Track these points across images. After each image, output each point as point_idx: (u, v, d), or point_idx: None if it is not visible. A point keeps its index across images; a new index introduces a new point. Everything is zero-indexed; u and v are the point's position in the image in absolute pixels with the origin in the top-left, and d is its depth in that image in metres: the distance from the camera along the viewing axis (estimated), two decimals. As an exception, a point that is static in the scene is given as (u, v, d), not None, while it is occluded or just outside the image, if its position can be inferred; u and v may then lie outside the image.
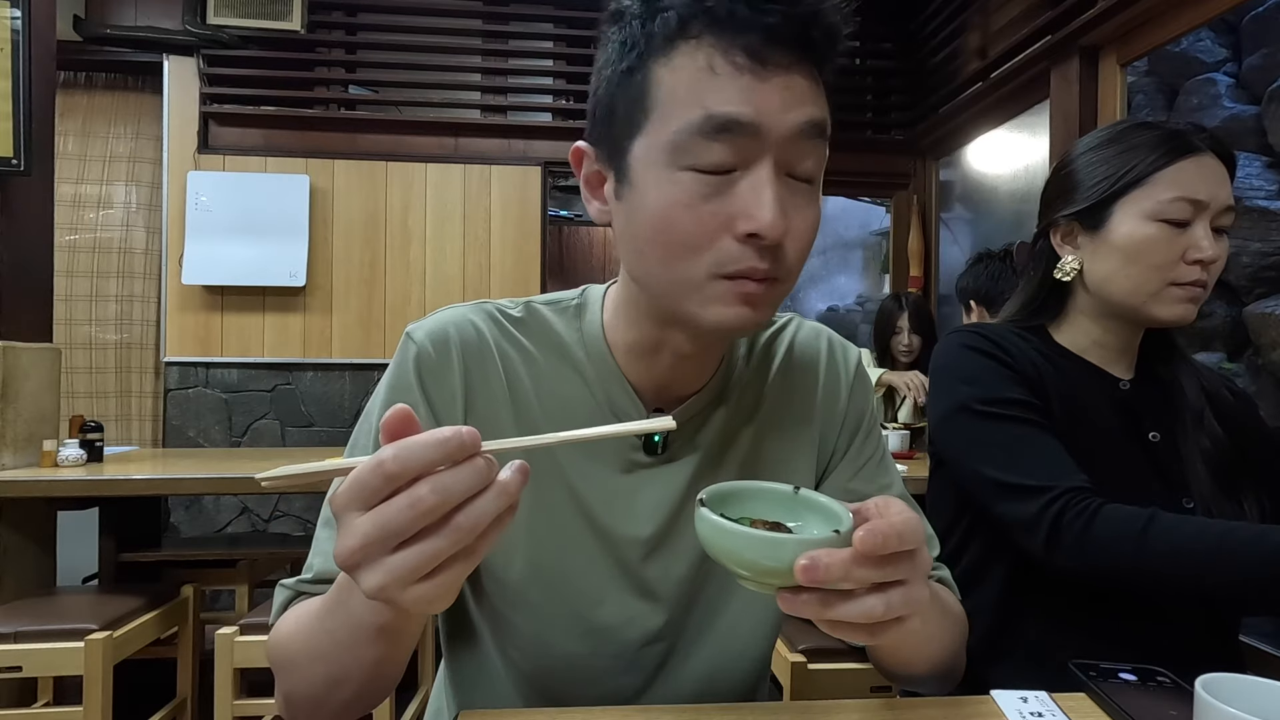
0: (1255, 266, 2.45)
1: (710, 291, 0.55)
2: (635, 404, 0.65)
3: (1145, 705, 0.61)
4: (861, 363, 0.76)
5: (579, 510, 0.65)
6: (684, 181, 0.53)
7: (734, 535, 0.44)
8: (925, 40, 3.25)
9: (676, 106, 0.53)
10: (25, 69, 2.02)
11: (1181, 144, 0.86)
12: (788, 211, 0.54)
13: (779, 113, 0.52)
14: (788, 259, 0.55)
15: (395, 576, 0.37)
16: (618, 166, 0.58)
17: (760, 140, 0.52)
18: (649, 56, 0.54)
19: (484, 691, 0.70)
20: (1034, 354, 0.92)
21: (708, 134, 0.52)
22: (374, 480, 0.36)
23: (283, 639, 0.56)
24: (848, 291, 5.47)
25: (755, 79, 0.51)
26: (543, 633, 0.65)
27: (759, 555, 0.43)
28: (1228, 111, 2.73)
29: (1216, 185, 0.86)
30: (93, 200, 3.29)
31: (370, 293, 3.24)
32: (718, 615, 0.68)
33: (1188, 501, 0.87)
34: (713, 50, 0.52)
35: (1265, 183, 2.55)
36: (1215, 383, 0.95)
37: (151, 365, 3.30)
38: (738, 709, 0.62)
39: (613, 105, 0.57)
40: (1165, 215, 0.85)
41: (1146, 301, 0.88)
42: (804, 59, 0.53)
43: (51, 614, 1.69)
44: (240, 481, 1.92)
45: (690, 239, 0.54)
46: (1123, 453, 0.89)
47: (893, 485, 0.73)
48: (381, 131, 3.28)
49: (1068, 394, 0.90)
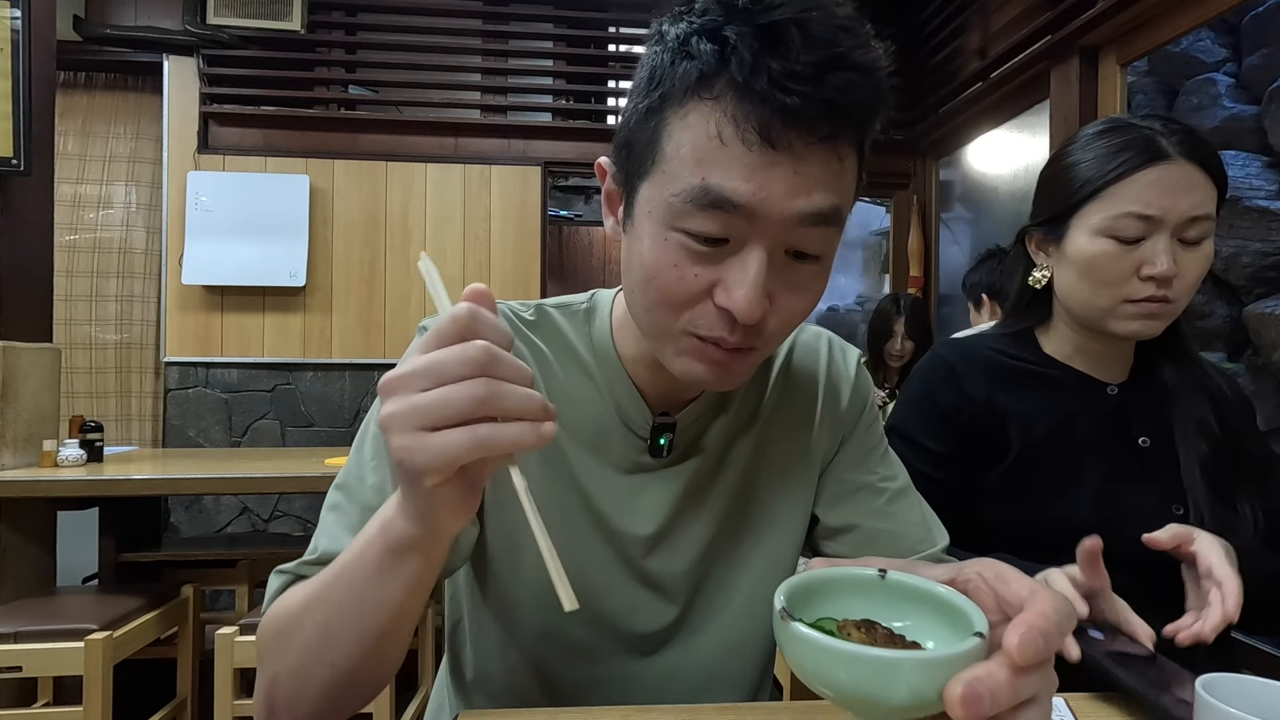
0: (1255, 266, 2.45)
1: (682, 344, 0.55)
2: (641, 408, 0.66)
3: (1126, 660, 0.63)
4: (861, 361, 0.76)
5: (586, 507, 0.66)
6: (675, 243, 0.52)
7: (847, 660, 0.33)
8: (925, 40, 3.25)
9: (680, 167, 0.50)
10: (25, 69, 2.02)
11: (1141, 153, 0.82)
12: (777, 292, 0.53)
13: (782, 199, 0.49)
14: (767, 332, 0.54)
15: (413, 407, 0.38)
16: (627, 200, 0.57)
17: (755, 223, 0.50)
18: (668, 102, 0.51)
19: (484, 685, 0.71)
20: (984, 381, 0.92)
21: (702, 205, 0.50)
22: (448, 325, 0.39)
23: (282, 611, 0.53)
24: (848, 291, 5.47)
25: (762, 158, 0.48)
26: (552, 622, 0.67)
27: (886, 685, 0.33)
28: (1228, 111, 2.72)
29: (1177, 196, 0.81)
30: (93, 200, 3.28)
31: (370, 293, 3.24)
32: (718, 608, 0.69)
33: (1178, 508, 0.86)
34: (725, 118, 0.48)
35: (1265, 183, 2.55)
36: (1219, 383, 0.93)
37: (151, 365, 3.30)
38: (737, 709, 0.62)
39: (631, 140, 0.55)
40: (1113, 232, 0.83)
41: (1102, 316, 0.87)
42: (824, 143, 0.49)
43: (51, 614, 1.69)
44: (240, 481, 1.92)
45: (672, 297, 0.53)
46: (1111, 460, 0.88)
47: (896, 478, 0.73)
48: (381, 131, 3.28)
49: (1045, 406, 0.90)
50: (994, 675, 0.33)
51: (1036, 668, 0.34)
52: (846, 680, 0.34)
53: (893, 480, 0.72)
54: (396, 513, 0.45)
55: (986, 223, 3.15)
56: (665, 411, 0.66)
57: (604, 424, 0.66)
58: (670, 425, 0.66)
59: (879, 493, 0.71)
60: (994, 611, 0.39)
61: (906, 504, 0.72)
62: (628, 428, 0.66)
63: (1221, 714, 0.47)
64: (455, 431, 0.38)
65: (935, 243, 3.43)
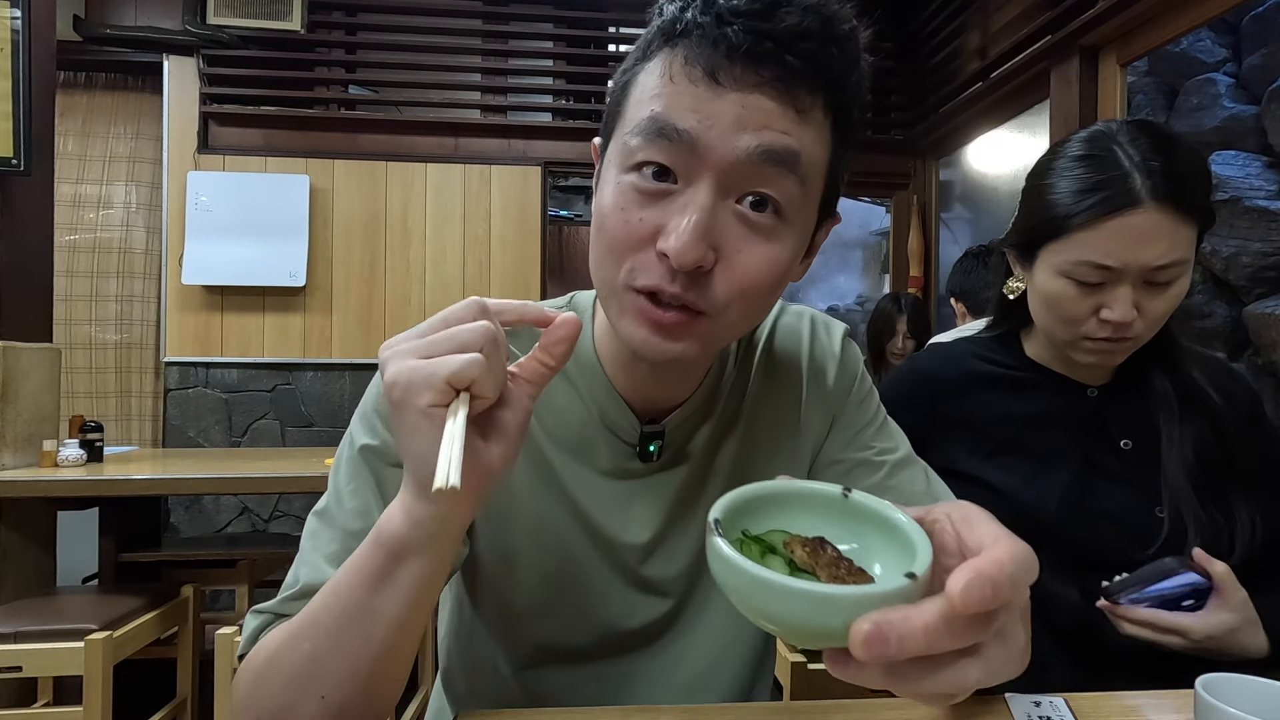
0: (1255, 266, 2.44)
1: (625, 302, 0.53)
2: (627, 416, 0.64)
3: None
4: (848, 336, 0.73)
5: (576, 517, 0.65)
6: (625, 185, 0.51)
7: (757, 584, 0.33)
8: (925, 40, 3.25)
9: (636, 109, 0.51)
10: (25, 69, 2.02)
11: (1110, 199, 0.78)
12: (726, 246, 0.50)
13: (728, 130, 0.48)
14: (715, 293, 0.51)
15: (410, 348, 0.42)
16: (601, 164, 0.57)
17: (699, 157, 0.49)
18: (639, 60, 0.53)
19: (481, 688, 0.71)
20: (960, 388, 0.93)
21: (648, 136, 0.49)
22: (461, 309, 0.44)
23: (263, 651, 0.51)
24: (848, 291, 5.48)
25: (709, 92, 0.48)
26: (551, 633, 0.66)
27: (795, 613, 0.32)
28: (1228, 111, 2.72)
29: (1141, 248, 0.78)
30: (93, 200, 3.28)
31: (370, 293, 3.24)
32: (714, 601, 0.69)
33: (1160, 511, 0.85)
34: (677, 59, 0.49)
35: (1265, 183, 2.55)
36: (1213, 390, 0.89)
37: (151, 365, 3.30)
38: (737, 709, 0.62)
39: (609, 107, 0.56)
40: (1073, 275, 0.82)
41: (1061, 345, 0.88)
42: (777, 82, 0.48)
43: (51, 614, 1.69)
44: (240, 481, 1.92)
45: (616, 243, 0.51)
46: (1089, 460, 0.88)
47: (896, 449, 0.70)
48: (381, 131, 3.28)
49: (1020, 408, 0.91)
50: (908, 619, 0.30)
51: (982, 619, 0.31)
52: (754, 601, 0.33)
53: (892, 452, 0.69)
54: (399, 512, 0.45)
55: (986, 223, 3.15)
56: (652, 419, 0.65)
57: (588, 431, 0.65)
58: (659, 433, 0.64)
59: (877, 467, 0.68)
60: (954, 555, 0.37)
61: (909, 475, 0.69)
62: (613, 433, 0.65)
63: (1221, 714, 0.47)
64: (452, 356, 0.42)
65: (935, 243, 3.43)
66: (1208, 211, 0.82)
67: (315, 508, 0.60)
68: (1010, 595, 0.31)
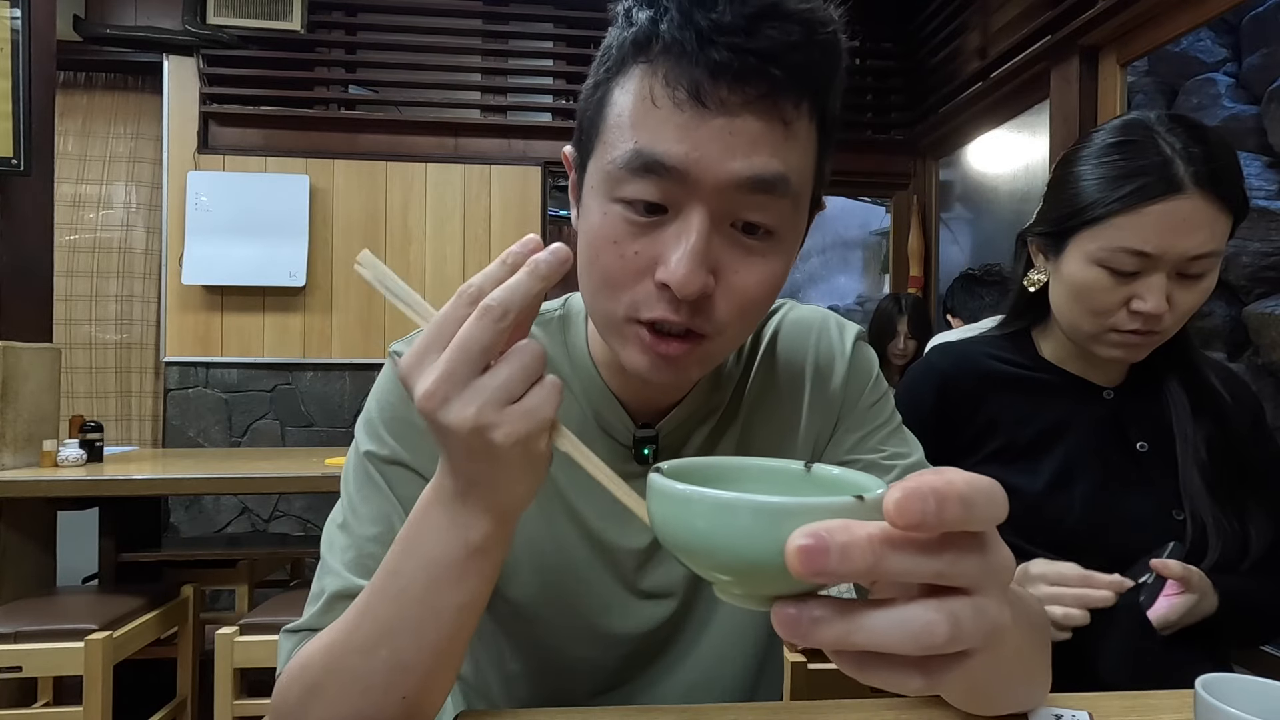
0: (1255, 266, 2.45)
1: (627, 333, 0.52)
2: (621, 416, 0.63)
3: None
4: (862, 339, 0.71)
5: (576, 524, 0.65)
6: (614, 216, 0.50)
7: (692, 504, 0.29)
8: (925, 40, 3.25)
9: (618, 134, 0.49)
10: (25, 69, 2.02)
11: (1151, 185, 0.77)
12: (724, 269, 0.49)
13: (717, 160, 0.46)
14: (717, 315, 0.50)
15: (488, 395, 0.38)
16: (579, 181, 0.55)
17: (690, 187, 0.47)
18: (612, 74, 0.51)
19: (482, 689, 0.71)
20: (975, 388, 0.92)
21: (636, 171, 0.48)
22: (453, 310, 0.39)
23: (312, 664, 0.49)
24: (848, 291, 5.47)
25: (694, 118, 0.46)
26: (555, 642, 0.66)
27: (730, 533, 0.28)
28: (1228, 111, 2.72)
29: (1181, 235, 0.76)
30: (93, 200, 3.28)
31: (370, 293, 3.23)
32: (717, 609, 0.68)
33: (1178, 514, 0.85)
34: (657, 79, 0.47)
35: (1265, 183, 2.55)
36: (1225, 392, 0.89)
37: (151, 365, 3.30)
38: (737, 709, 0.62)
39: (581, 121, 0.55)
40: (1108, 263, 0.80)
41: (1086, 339, 0.86)
42: (762, 100, 0.46)
43: (51, 614, 1.69)
44: (240, 481, 1.92)
45: (612, 277, 0.50)
46: (1108, 465, 0.87)
47: (909, 455, 0.67)
48: (381, 131, 3.28)
49: (1037, 411, 0.90)
50: (850, 530, 0.26)
51: (923, 544, 0.26)
52: (685, 529, 0.30)
53: (904, 457, 0.66)
54: (465, 514, 0.44)
55: (986, 223, 3.15)
56: (647, 423, 0.64)
57: (584, 434, 0.63)
58: (653, 437, 0.63)
59: (887, 470, 0.65)
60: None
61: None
62: (609, 436, 0.64)
63: (1221, 714, 0.47)
64: (539, 391, 0.39)
65: (935, 243, 3.43)
66: (1244, 203, 0.81)
67: (332, 519, 0.60)
68: (960, 516, 0.26)
